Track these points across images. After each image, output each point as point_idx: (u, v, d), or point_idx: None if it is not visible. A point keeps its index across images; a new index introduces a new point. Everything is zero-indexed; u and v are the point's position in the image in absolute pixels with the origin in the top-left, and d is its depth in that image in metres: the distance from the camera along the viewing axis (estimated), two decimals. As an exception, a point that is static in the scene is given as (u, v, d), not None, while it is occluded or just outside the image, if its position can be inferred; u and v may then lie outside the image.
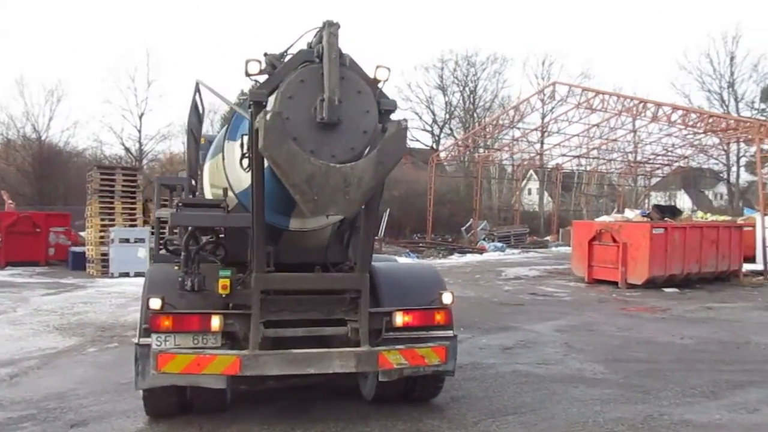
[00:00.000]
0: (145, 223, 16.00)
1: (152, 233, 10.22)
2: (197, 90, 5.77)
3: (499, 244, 27.96)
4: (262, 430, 4.90)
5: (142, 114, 36.42)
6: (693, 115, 24.08)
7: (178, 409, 5.01)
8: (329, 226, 5.18)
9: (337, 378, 5.33)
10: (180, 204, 4.50)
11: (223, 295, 4.56)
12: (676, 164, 37.10)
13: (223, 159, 5.21)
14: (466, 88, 47.78)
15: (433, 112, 48.78)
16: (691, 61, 59.75)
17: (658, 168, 38.97)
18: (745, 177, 46.28)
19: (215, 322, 4.54)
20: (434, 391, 5.50)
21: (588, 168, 40.78)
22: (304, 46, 4.25)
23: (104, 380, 6.22)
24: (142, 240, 15.20)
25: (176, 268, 4.91)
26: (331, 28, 3.95)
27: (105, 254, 15.80)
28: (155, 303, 4.47)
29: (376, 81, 4.22)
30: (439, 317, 5.02)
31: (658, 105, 23.89)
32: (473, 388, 6.14)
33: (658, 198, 43.75)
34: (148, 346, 4.57)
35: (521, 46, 68.61)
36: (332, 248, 5.39)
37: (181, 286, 4.57)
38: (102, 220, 16.18)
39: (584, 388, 6.27)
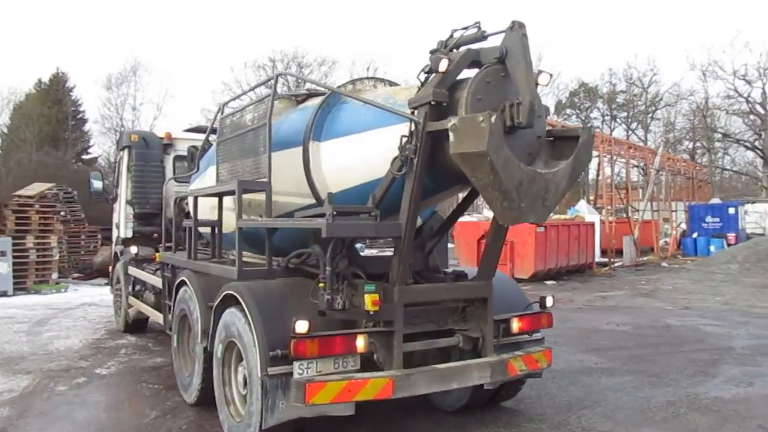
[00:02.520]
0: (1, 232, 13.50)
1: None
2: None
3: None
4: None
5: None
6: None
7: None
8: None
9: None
10: (334, 213, 3.97)
11: (371, 312, 4.14)
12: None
13: (308, 161, 4.76)
14: (298, 90, 47.36)
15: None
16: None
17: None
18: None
19: (360, 342, 4.12)
20: (515, 393, 5.54)
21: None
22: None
23: (125, 423, 5.23)
24: (2, 253, 12.78)
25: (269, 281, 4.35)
26: (522, 30, 3.82)
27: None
28: (302, 326, 3.92)
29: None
30: (544, 321, 5.08)
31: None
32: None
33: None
34: (282, 376, 4.00)
35: (347, 49, 70.15)
36: (421, 255, 5.17)
37: (329, 306, 4.06)
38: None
39: (606, 378, 6.75)
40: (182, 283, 5.92)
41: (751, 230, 28.84)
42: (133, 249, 8.87)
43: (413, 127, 3.99)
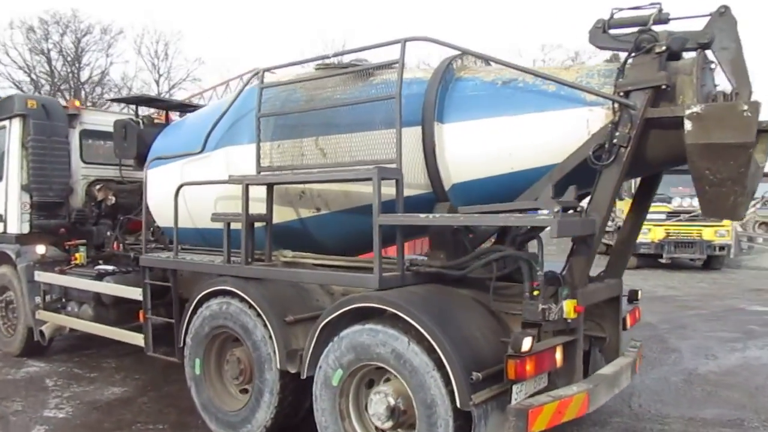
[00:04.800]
0: None
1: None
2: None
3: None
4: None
5: None
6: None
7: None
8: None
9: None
10: (560, 210, 3.35)
11: (569, 320, 3.63)
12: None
13: (432, 144, 4.09)
14: (75, 61, 41.39)
15: (35, 82, 41.00)
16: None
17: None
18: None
19: (558, 355, 3.62)
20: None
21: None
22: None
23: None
24: None
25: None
26: (731, 15, 3.63)
27: None
28: (527, 343, 3.29)
29: None
30: (638, 315, 5.03)
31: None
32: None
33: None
34: (486, 403, 3.36)
35: (135, 20, 62.32)
36: None
37: (544, 317, 3.45)
38: None
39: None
40: (216, 294, 4.69)
41: None
42: (40, 248, 6.84)
43: (619, 114, 3.59)
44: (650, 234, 14.71)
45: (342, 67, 4.66)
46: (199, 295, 4.80)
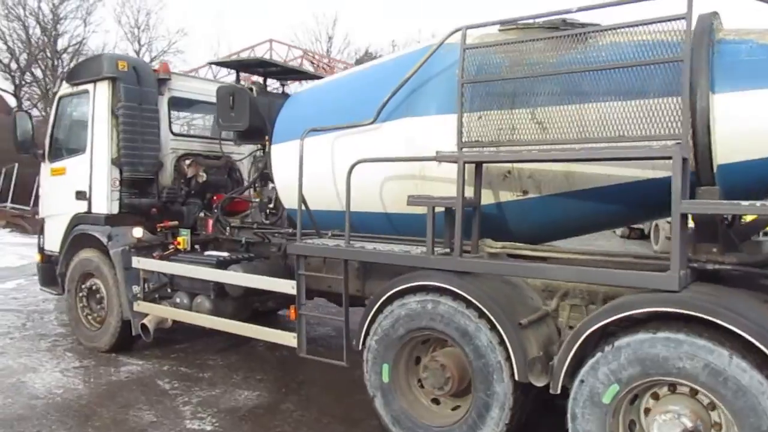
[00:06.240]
0: None
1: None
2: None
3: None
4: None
5: None
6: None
7: None
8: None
9: None
10: None
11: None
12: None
13: (705, 118, 3.48)
14: (52, 29, 39.23)
15: (11, 50, 38.84)
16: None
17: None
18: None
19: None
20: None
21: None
22: None
23: None
24: None
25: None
26: None
27: None
28: None
29: None
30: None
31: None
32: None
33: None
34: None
35: None
36: None
37: None
38: None
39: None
40: (413, 291, 4.01)
41: None
42: (137, 231, 6.02)
43: None
44: None
45: (580, 26, 3.96)
46: (391, 292, 4.11)
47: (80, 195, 6.31)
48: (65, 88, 6.67)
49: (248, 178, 7.32)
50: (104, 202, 6.12)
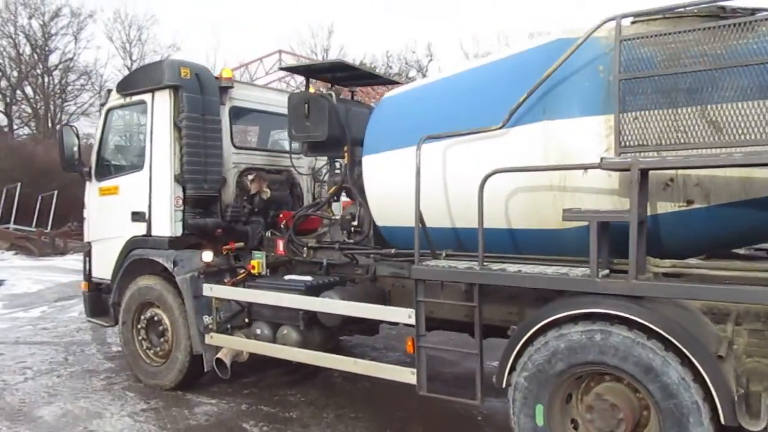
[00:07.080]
0: None
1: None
2: None
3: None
4: None
5: None
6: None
7: None
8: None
9: None
10: None
11: None
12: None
13: None
14: (44, 46, 38.39)
15: (1, 67, 37.94)
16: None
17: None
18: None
19: None
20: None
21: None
22: None
23: None
24: None
25: None
26: None
27: None
28: None
29: None
30: None
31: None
32: None
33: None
34: None
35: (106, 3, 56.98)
36: None
37: None
38: None
39: None
40: (572, 320, 3.48)
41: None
42: (207, 255, 5.43)
43: None
44: None
45: (750, 13, 3.48)
46: (545, 321, 3.57)
47: (137, 216, 5.72)
48: (115, 99, 6.07)
49: (309, 193, 6.82)
50: (167, 224, 5.53)
